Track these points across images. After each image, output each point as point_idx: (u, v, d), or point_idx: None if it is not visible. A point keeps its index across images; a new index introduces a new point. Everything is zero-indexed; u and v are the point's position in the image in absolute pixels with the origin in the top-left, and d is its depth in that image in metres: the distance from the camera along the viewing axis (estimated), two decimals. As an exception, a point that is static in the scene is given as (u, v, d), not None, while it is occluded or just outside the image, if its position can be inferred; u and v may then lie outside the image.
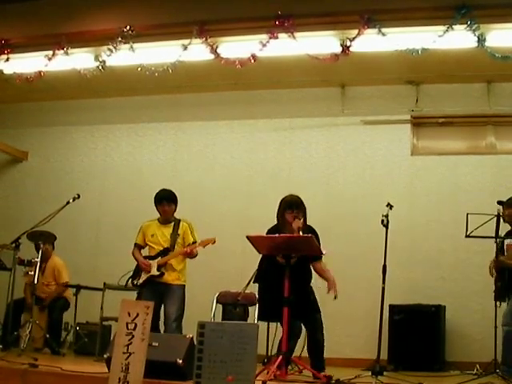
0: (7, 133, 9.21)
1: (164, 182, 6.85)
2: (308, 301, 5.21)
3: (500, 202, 5.79)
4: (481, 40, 6.12)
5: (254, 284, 5.27)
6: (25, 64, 7.52)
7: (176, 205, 6.15)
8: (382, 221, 5.36)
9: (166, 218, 6.11)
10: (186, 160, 8.67)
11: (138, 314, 3.96)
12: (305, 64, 6.91)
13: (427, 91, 7.91)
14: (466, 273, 7.34)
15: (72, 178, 8.92)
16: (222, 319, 6.58)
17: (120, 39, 6.96)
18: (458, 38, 6.26)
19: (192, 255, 5.98)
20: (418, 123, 8.07)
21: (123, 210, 8.51)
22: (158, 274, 5.92)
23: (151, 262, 5.97)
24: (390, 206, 5.46)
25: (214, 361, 3.94)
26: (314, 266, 5.31)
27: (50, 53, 7.30)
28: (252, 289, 5.40)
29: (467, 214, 5.82)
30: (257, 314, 5.71)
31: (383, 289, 5.31)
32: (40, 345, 6.96)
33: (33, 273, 6.53)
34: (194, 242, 6.00)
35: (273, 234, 5.15)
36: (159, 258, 5.96)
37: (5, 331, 6.56)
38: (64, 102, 8.96)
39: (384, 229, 5.36)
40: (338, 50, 6.54)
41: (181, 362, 4.28)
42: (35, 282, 6.47)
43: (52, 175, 9.10)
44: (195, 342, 4.12)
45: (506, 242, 5.74)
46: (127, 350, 3.90)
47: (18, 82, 7.60)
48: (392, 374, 5.83)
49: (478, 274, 6.89)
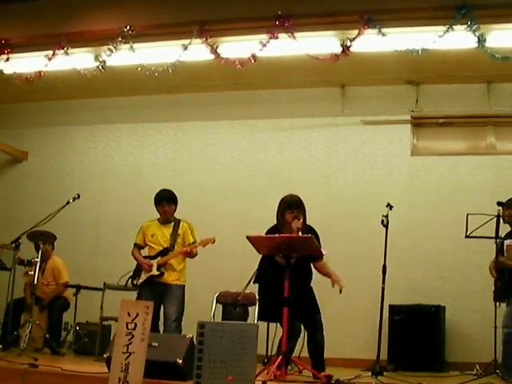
0: (7, 133, 9.20)
1: (164, 182, 6.85)
2: (308, 301, 5.20)
3: (500, 203, 5.78)
4: (481, 40, 6.12)
5: (254, 284, 5.27)
6: (25, 64, 7.52)
7: (176, 205, 6.15)
8: (382, 221, 5.36)
9: (166, 218, 6.11)
10: (186, 160, 8.67)
11: (137, 314, 3.96)
12: (305, 64, 6.91)
13: (427, 91, 7.91)
14: (466, 273, 7.34)
15: (72, 178, 8.92)
16: (222, 319, 6.58)
17: (120, 39, 6.96)
18: (458, 39, 6.26)
19: (192, 255, 5.99)
20: (418, 123, 8.06)
21: (123, 210, 8.51)
22: (157, 273, 5.92)
23: (151, 262, 5.98)
24: (390, 206, 5.46)
25: (213, 361, 3.94)
26: (315, 266, 5.30)
27: (50, 53, 7.30)
28: (252, 289, 5.39)
29: (467, 215, 5.82)
30: (257, 313, 5.71)
31: (383, 289, 5.31)
32: (40, 345, 6.95)
33: (33, 273, 6.53)
34: (193, 242, 6.00)
35: (272, 234, 5.15)
36: (159, 258, 5.97)
37: (5, 331, 6.56)
38: (64, 101, 8.95)
39: (384, 229, 5.37)
40: (338, 50, 6.54)
41: (181, 362, 4.28)
42: (35, 281, 6.47)
43: (52, 175, 9.10)
44: (195, 341, 4.12)
45: (506, 242, 5.74)
46: (127, 349, 3.90)
47: (18, 81, 7.60)
48: (392, 374, 5.83)
49: (478, 275, 6.89)
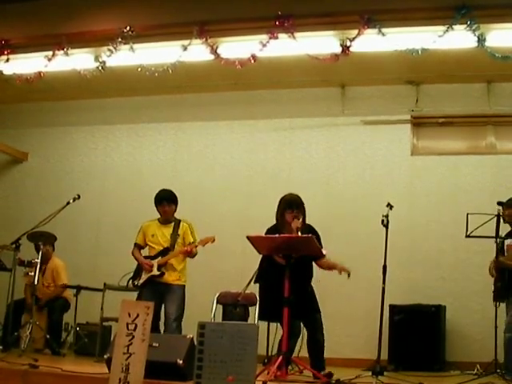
0: (7, 133, 9.20)
1: (164, 183, 6.84)
2: (308, 301, 5.20)
3: (500, 203, 5.79)
4: (481, 40, 6.12)
5: (255, 284, 5.27)
6: (25, 64, 7.51)
7: (176, 205, 6.15)
8: (382, 221, 5.36)
9: (167, 218, 6.12)
10: (186, 160, 8.67)
11: (138, 315, 3.96)
12: (305, 64, 6.90)
13: (427, 91, 7.91)
14: (466, 273, 7.33)
15: (72, 179, 8.91)
16: (223, 319, 6.58)
17: (120, 39, 6.96)
18: (458, 38, 6.26)
19: (192, 255, 5.99)
20: (418, 123, 8.06)
21: (123, 210, 8.51)
22: (158, 273, 5.93)
23: (152, 262, 5.98)
24: (390, 206, 5.47)
25: (214, 361, 3.94)
26: (318, 264, 5.28)
27: (50, 53, 7.29)
28: (252, 289, 5.39)
29: (467, 214, 5.83)
30: (257, 313, 5.71)
31: (383, 289, 5.32)
32: (40, 345, 6.94)
33: (33, 273, 6.52)
34: (193, 243, 6.01)
35: (272, 234, 5.15)
36: (159, 258, 5.97)
37: (5, 332, 6.55)
38: (64, 102, 8.95)
39: (384, 229, 5.37)
40: (338, 50, 6.54)
41: (181, 362, 4.28)
42: (35, 282, 6.47)
43: (52, 176, 9.09)
44: (195, 342, 4.12)
45: (507, 242, 5.74)
46: (127, 350, 3.89)
47: (18, 82, 7.60)
48: (392, 374, 5.83)
49: (478, 274, 6.88)
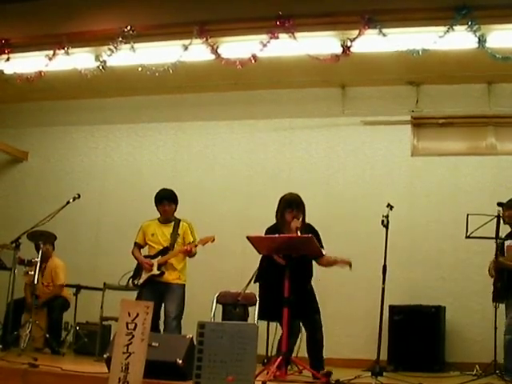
0: (7, 133, 9.20)
1: (164, 183, 6.83)
2: (308, 301, 5.19)
3: (500, 204, 5.79)
4: (481, 41, 6.12)
5: (255, 284, 5.27)
6: (25, 64, 7.51)
7: (176, 204, 6.15)
8: (382, 221, 5.37)
9: (167, 218, 6.12)
10: (186, 160, 8.67)
11: (138, 314, 3.96)
12: (305, 64, 6.90)
13: (427, 92, 7.91)
14: (466, 273, 7.33)
15: (72, 178, 8.91)
16: (222, 319, 6.57)
17: (120, 39, 6.95)
18: (459, 39, 6.26)
19: (191, 254, 5.99)
20: (419, 124, 8.06)
21: (123, 210, 8.51)
22: (158, 273, 5.93)
23: (152, 262, 5.98)
24: (390, 206, 5.47)
25: (213, 361, 3.94)
26: (319, 263, 5.26)
27: (50, 53, 7.29)
28: (252, 289, 5.39)
29: (467, 215, 5.83)
30: (257, 313, 5.71)
31: (383, 289, 5.32)
32: (40, 345, 6.94)
33: (33, 273, 6.53)
34: (193, 242, 6.01)
35: (272, 233, 5.15)
36: (159, 257, 5.97)
37: (5, 331, 6.56)
38: (64, 101, 8.95)
39: (384, 229, 5.37)
40: (339, 50, 6.54)
41: (181, 362, 4.28)
42: (35, 281, 6.47)
43: (52, 175, 9.09)
44: (195, 342, 4.12)
45: (507, 243, 5.74)
46: (127, 350, 3.90)
47: (18, 81, 7.60)
48: (392, 374, 5.83)
49: (478, 275, 6.88)
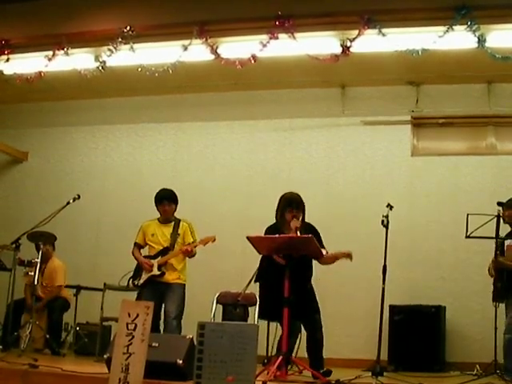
0: (7, 133, 9.20)
1: (164, 183, 6.83)
2: (308, 301, 5.19)
3: (500, 203, 5.79)
4: (481, 40, 6.12)
5: (255, 284, 5.27)
6: (25, 64, 7.51)
7: (176, 204, 6.15)
8: (382, 221, 5.37)
9: (167, 218, 6.12)
10: (186, 160, 8.66)
11: (138, 315, 3.96)
12: (305, 64, 6.90)
13: (427, 92, 7.90)
14: (466, 273, 7.33)
15: (72, 179, 8.91)
16: (222, 320, 6.56)
17: (120, 39, 6.95)
18: (459, 39, 6.26)
19: (191, 254, 5.99)
20: (419, 124, 8.06)
21: (123, 210, 8.50)
22: (158, 273, 5.93)
23: (152, 262, 5.98)
24: (390, 206, 5.47)
25: (214, 361, 3.94)
26: (320, 262, 5.26)
27: (50, 53, 7.29)
28: (252, 289, 5.39)
29: (467, 215, 5.82)
30: (257, 311, 5.71)
31: (383, 289, 5.32)
32: (40, 345, 6.94)
33: (33, 273, 6.52)
34: (193, 242, 6.00)
35: (272, 233, 5.15)
36: (159, 258, 5.97)
37: (5, 332, 6.56)
38: (64, 102, 8.95)
39: (384, 229, 5.37)
40: (338, 50, 6.54)
41: (181, 362, 4.28)
42: (35, 282, 6.47)
43: (52, 176, 9.09)
44: (195, 342, 4.12)
45: (506, 242, 5.74)
46: (127, 350, 3.90)
47: (18, 82, 7.60)
48: (392, 374, 5.82)
49: (478, 274, 6.87)
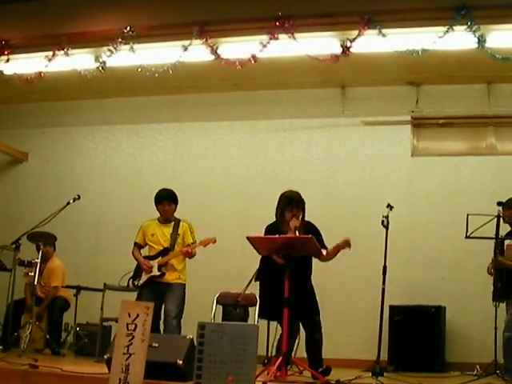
0: (7, 133, 9.20)
1: (164, 183, 6.83)
2: (308, 301, 5.20)
3: (500, 203, 5.79)
4: (481, 41, 6.12)
5: (255, 283, 5.27)
6: (25, 65, 7.51)
7: (176, 204, 6.15)
8: (382, 221, 5.37)
9: (167, 218, 6.12)
10: (186, 161, 8.67)
11: (138, 315, 3.96)
12: (305, 65, 6.90)
13: (427, 92, 7.90)
14: (466, 273, 7.33)
15: (72, 179, 8.91)
16: (222, 320, 6.57)
17: (120, 40, 6.95)
18: (459, 39, 6.26)
19: (191, 255, 5.99)
20: (419, 124, 8.06)
21: (123, 210, 8.50)
22: (159, 274, 5.93)
23: (152, 263, 5.98)
24: (390, 206, 5.47)
25: (214, 361, 3.94)
26: (321, 260, 5.27)
27: (50, 53, 7.29)
28: (252, 289, 5.39)
29: (467, 215, 5.82)
30: (257, 311, 5.71)
31: (383, 289, 5.32)
32: (40, 345, 6.94)
33: (33, 273, 6.52)
34: (193, 243, 6.00)
35: (272, 231, 5.16)
36: (159, 258, 5.97)
37: (5, 332, 6.55)
38: (64, 102, 8.94)
39: (384, 229, 5.37)
40: (339, 50, 6.54)
41: (181, 362, 4.28)
42: (35, 282, 6.47)
43: (52, 176, 9.09)
44: (195, 342, 4.12)
45: (506, 242, 5.74)
46: (127, 350, 3.90)
47: (18, 82, 7.60)
48: (392, 374, 5.82)
49: (478, 275, 6.87)
